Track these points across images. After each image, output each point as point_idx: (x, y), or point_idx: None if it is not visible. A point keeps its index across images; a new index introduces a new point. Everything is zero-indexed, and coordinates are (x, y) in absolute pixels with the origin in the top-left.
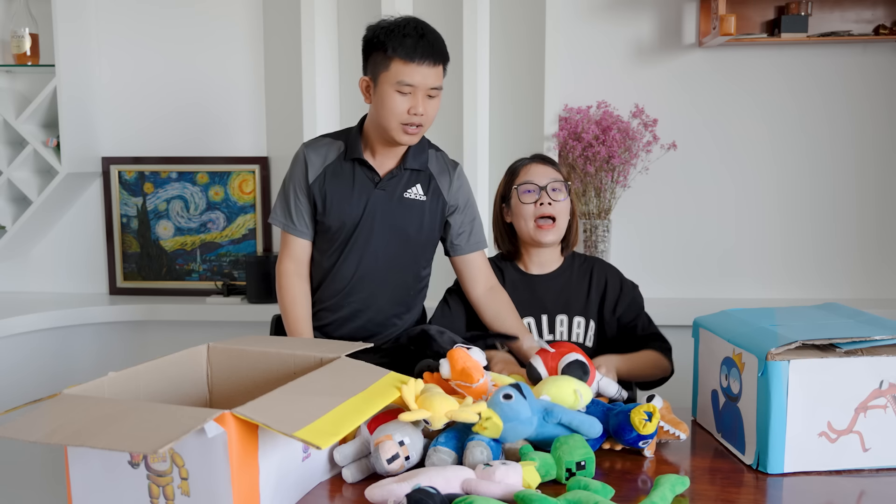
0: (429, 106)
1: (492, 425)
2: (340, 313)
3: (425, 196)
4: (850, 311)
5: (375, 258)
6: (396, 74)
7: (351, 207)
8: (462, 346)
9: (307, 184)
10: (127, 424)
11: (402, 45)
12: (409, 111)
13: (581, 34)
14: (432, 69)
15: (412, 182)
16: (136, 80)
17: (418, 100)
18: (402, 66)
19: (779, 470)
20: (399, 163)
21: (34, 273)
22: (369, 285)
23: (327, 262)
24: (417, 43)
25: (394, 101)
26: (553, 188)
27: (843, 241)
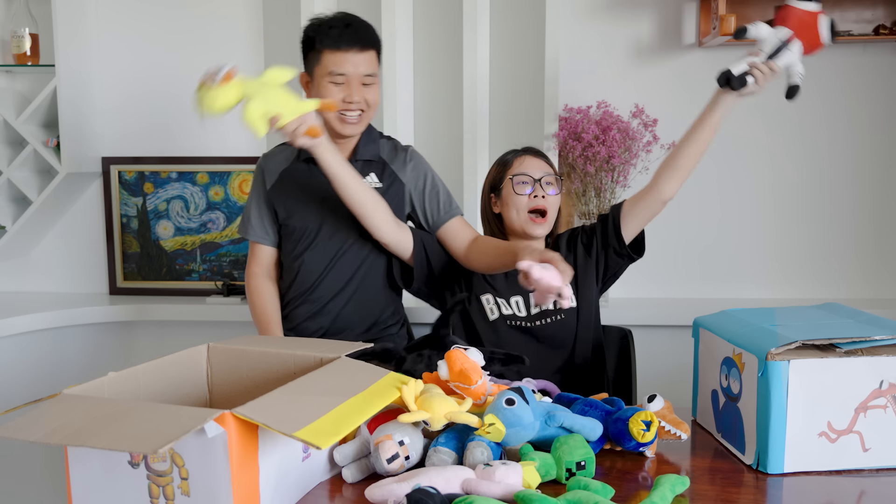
0: (366, 93)
1: (495, 430)
2: (314, 310)
3: (381, 183)
4: (850, 311)
5: (342, 252)
6: (327, 65)
7: (310, 208)
8: (460, 347)
9: (265, 192)
10: (127, 424)
11: (328, 35)
12: (343, 100)
13: (581, 34)
14: (361, 55)
15: (366, 172)
16: (137, 80)
17: (353, 88)
18: (332, 56)
19: (779, 470)
20: (350, 155)
21: (34, 273)
22: (340, 280)
23: (296, 263)
24: (343, 32)
25: (329, 93)
26: (547, 182)
27: (842, 241)
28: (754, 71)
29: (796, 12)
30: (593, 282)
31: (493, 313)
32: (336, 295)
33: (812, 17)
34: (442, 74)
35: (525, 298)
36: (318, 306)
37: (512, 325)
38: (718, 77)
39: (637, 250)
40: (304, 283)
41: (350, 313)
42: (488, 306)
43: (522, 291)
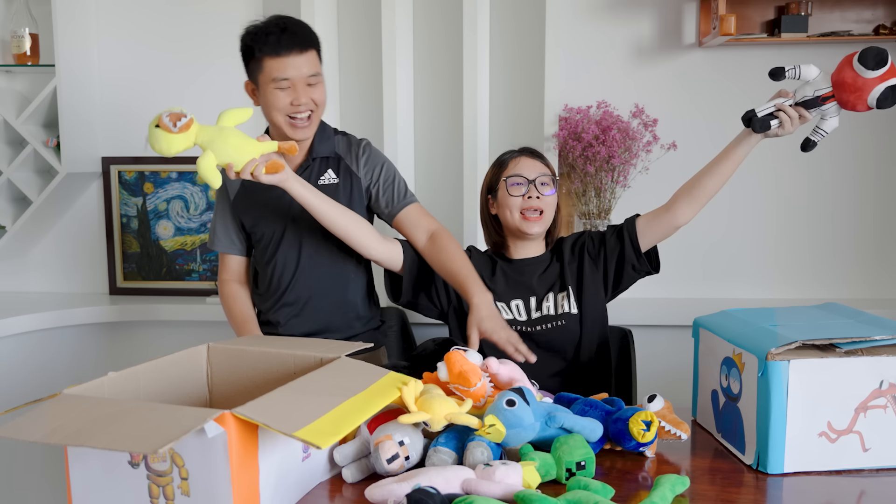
0: (312, 93)
1: (495, 432)
2: (295, 312)
3: (338, 178)
4: (850, 311)
5: (312, 253)
6: (270, 72)
7: (275, 214)
8: (459, 349)
9: (229, 204)
10: (127, 424)
11: (266, 42)
12: (291, 103)
13: (581, 34)
14: (302, 57)
15: (323, 169)
16: (137, 80)
17: (299, 91)
18: (273, 62)
19: (779, 470)
20: (306, 154)
21: (34, 273)
22: (313, 279)
23: (268, 268)
24: (280, 37)
25: (276, 98)
26: (542, 182)
27: (842, 242)
28: (781, 114)
29: (849, 74)
30: (600, 289)
31: None
32: (312, 295)
33: (866, 84)
34: (442, 74)
35: (525, 302)
36: (297, 308)
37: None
38: (743, 116)
39: (653, 265)
40: (279, 286)
41: (330, 313)
42: None
43: (522, 295)
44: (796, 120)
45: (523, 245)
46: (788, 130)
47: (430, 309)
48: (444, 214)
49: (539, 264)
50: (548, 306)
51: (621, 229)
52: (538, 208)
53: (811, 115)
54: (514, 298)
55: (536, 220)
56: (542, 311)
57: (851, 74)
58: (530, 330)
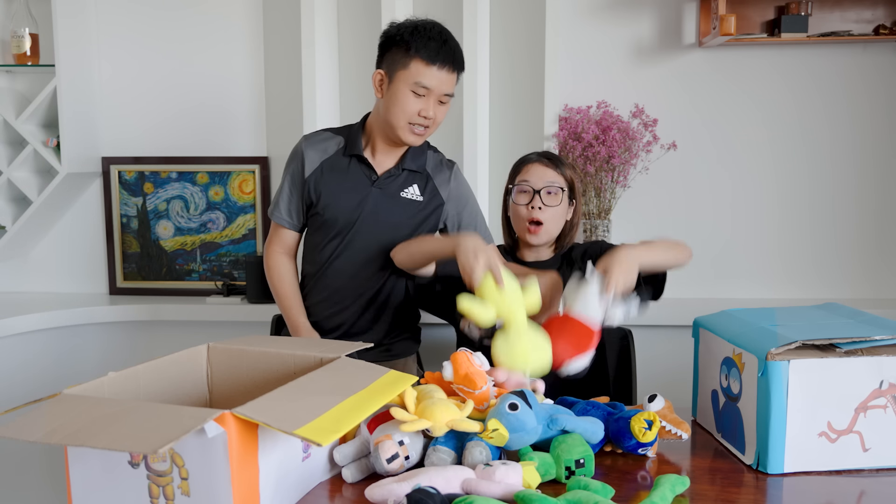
0: (439, 111)
1: (498, 436)
2: (332, 309)
3: (422, 196)
4: (850, 311)
5: (369, 255)
6: (415, 75)
7: (347, 203)
8: (466, 351)
9: (303, 178)
10: (127, 424)
11: (425, 46)
12: (419, 113)
13: (581, 34)
14: (450, 76)
15: (409, 182)
16: (137, 80)
17: (430, 103)
18: (423, 68)
19: (779, 470)
20: (398, 163)
21: (34, 273)
22: (362, 283)
23: (320, 256)
24: (441, 47)
25: (407, 101)
26: (548, 191)
27: (842, 241)
28: None
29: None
30: None
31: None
32: (358, 297)
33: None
34: None
35: None
36: (339, 307)
37: None
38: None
39: (655, 291)
40: (331, 281)
41: (369, 318)
42: None
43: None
44: None
45: (533, 250)
46: None
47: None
48: None
49: (548, 267)
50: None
51: None
52: (537, 220)
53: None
54: None
55: (535, 233)
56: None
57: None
58: None
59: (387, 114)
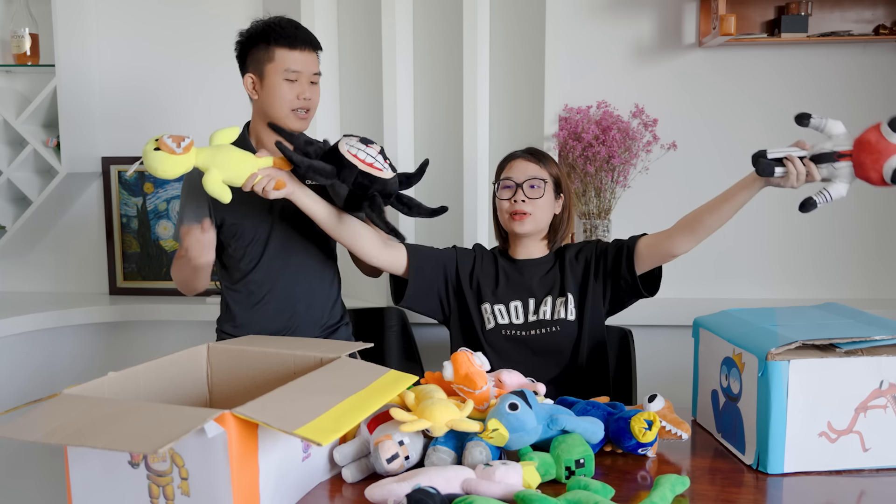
0: (313, 91)
1: (498, 436)
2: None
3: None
4: (850, 311)
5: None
6: (282, 62)
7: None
8: (466, 351)
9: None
10: (127, 424)
11: (282, 35)
12: (298, 96)
13: (581, 34)
14: (312, 55)
15: None
16: (136, 80)
17: (304, 85)
18: (287, 54)
19: (779, 470)
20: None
21: (34, 273)
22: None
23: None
24: (296, 32)
25: (283, 89)
26: (531, 185)
27: (842, 241)
28: (788, 164)
29: (874, 135)
30: (599, 300)
31: (489, 322)
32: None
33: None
34: (442, 74)
35: (524, 304)
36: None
37: (507, 334)
38: (753, 154)
39: (651, 288)
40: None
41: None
42: (486, 315)
43: (521, 297)
44: (802, 175)
45: (524, 245)
46: (792, 184)
47: (437, 311)
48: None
49: (540, 266)
50: (545, 310)
51: (622, 247)
52: (522, 210)
53: (820, 173)
54: (514, 300)
55: (521, 220)
56: (538, 314)
57: (876, 135)
58: (525, 335)
59: (268, 109)
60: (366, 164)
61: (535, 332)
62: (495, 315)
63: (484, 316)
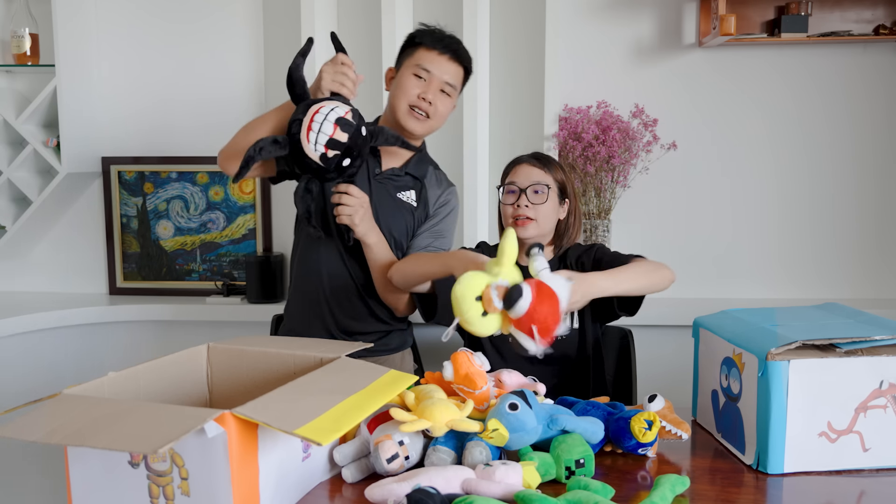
0: (439, 99)
1: (498, 436)
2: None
3: (416, 203)
4: (850, 311)
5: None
6: (417, 59)
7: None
8: (466, 351)
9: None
10: (127, 424)
11: (430, 36)
12: (419, 95)
13: (581, 34)
14: (451, 64)
15: (407, 186)
16: (136, 80)
17: (431, 87)
18: (425, 52)
19: (779, 470)
20: (403, 165)
21: (34, 273)
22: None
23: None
24: (444, 37)
25: (408, 82)
26: (535, 190)
27: (842, 241)
28: None
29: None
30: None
31: None
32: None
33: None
34: None
35: None
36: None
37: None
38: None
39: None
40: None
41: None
42: None
43: None
44: None
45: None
46: None
47: None
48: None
49: None
50: None
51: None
52: (526, 215)
53: None
54: None
55: (523, 225)
56: None
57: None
58: None
59: (392, 100)
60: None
61: None
62: None
63: None
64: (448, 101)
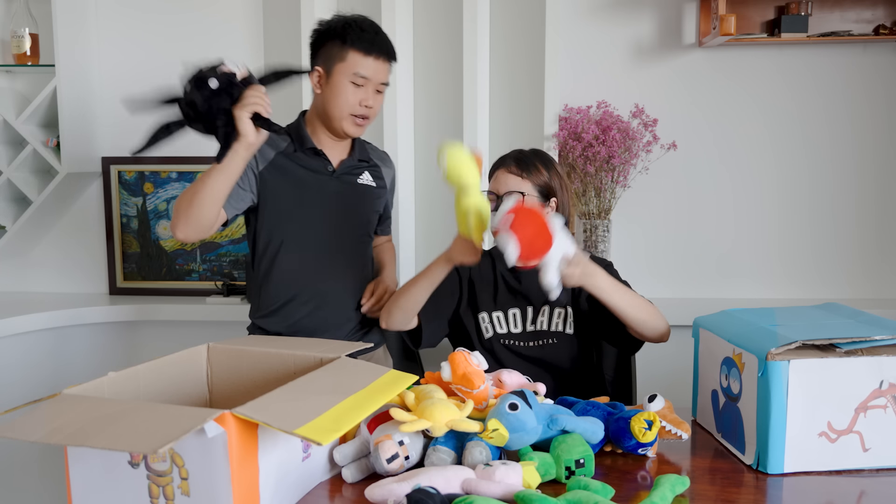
0: (376, 100)
1: (498, 436)
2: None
3: (374, 182)
4: (850, 311)
5: (330, 244)
6: (353, 66)
7: (313, 193)
8: (463, 351)
9: (255, 173)
10: (127, 424)
11: (360, 38)
12: (360, 102)
13: (581, 34)
14: (384, 65)
15: (362, 170)
16: (137, 80)
17: (369, 93)
18: (360, 58)
19: (779, 470)
20: (349, 154)
21: (34, 273)
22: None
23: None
24: (374, 38)
25: (347, 93)
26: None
27: (842, 241)
28: None
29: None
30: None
31: (487, 332)
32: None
33: None
34: (442, 74)
35: (522, 312)
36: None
37: (505, 343)
38: None
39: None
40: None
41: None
42: (483, 325)
43: (520, 304)
44: None
45: None
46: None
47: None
48: (444, 215)
49: (538, 274)
50: (542, 321)
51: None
52: None
53: None
54: (512, 307)
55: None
56: (536, 324)
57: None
58: (521, 345)
59: (327, 107)
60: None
61: (532, 344)
62: (493, 324)
63: (482, 325)
64: (381, 98)
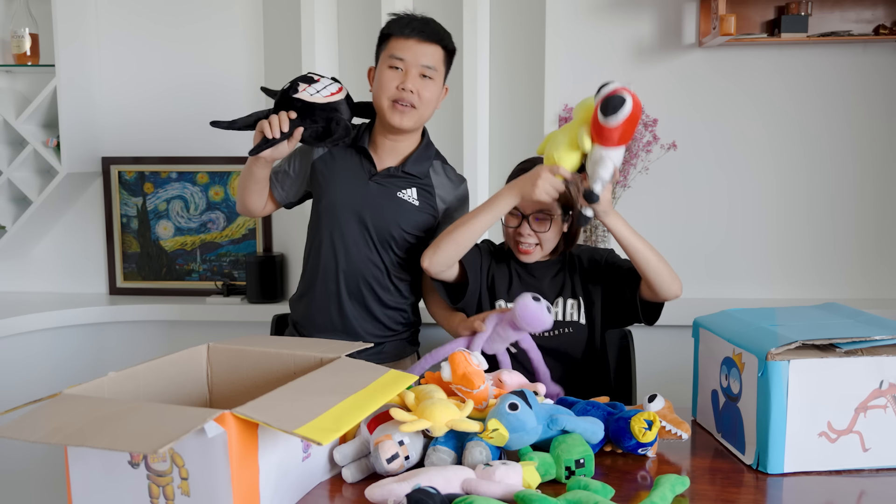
0: (422, 86)
1: (498, 436)
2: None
3: (418, 201)
4: (850, 311)
5: (356, 249)
6: (391, 49)
7: (343, 192)
8: (463, 350)
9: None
10: (127, 424)
11: (398, 23)
12: (398, 86)
13: (581, 34)
14: (424, 46)
15: (408, 185)
16: (136, 80)
17: (409, 76)
18: (395, 42)
19: (779, 470)
20: (400, 164)
21: (34, 273)
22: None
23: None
24: (412, 21)
25: (385, 76)
26: (537, 218)
27: (842, 241)
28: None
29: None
30: (601, 308)
31: None
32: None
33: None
34: None
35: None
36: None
37: None
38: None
39: (650, 315)
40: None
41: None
42: None
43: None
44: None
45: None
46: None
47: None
48: None
49: (549, 268)
50: (557, 311)
51: (630, 270)
52: (528, 244)
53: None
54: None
55: (527, 253)
56: (552, 314)
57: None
58: (538, 334)
59: (375, 98)
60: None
61: (547, 334)
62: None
63: None
64: (432, 85)
